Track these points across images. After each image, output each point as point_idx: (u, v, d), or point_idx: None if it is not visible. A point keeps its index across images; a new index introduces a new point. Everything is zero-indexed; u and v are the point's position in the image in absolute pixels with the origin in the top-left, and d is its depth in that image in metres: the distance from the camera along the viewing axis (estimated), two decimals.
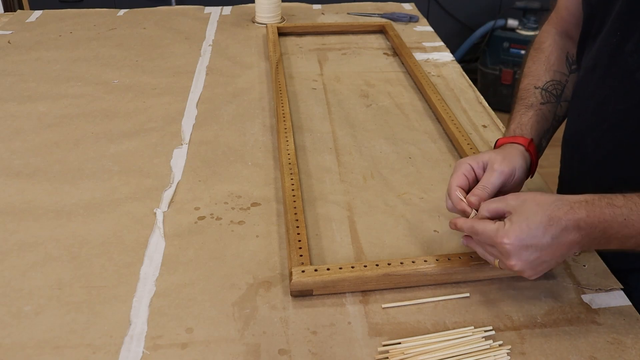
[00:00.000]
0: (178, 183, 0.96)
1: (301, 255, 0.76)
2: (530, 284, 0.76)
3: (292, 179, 0.92)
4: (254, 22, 1.69)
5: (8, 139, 1.07)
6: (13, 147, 1.05)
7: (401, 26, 1.67)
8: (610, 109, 0.78)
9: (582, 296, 0.74)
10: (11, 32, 1.58)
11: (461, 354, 0.65)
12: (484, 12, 3.11)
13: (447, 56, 1.47)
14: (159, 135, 1.10)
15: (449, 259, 0.75)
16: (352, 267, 0.74)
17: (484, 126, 1.14)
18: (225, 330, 0.69)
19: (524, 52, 2.86)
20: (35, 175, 0.97)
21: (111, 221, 0.87)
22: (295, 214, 0.84)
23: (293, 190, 0.89)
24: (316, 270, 0.73)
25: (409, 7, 1.82)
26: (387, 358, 0.65)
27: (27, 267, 0.78)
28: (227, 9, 1.79)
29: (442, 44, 1.55)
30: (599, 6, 0.80)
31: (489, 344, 0.66)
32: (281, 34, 1.58)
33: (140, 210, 0.89)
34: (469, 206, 0.73)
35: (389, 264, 0.74)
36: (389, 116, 1.18)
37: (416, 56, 1.42)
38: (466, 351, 0.65)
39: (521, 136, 0.83)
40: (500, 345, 0.66)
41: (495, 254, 0.68)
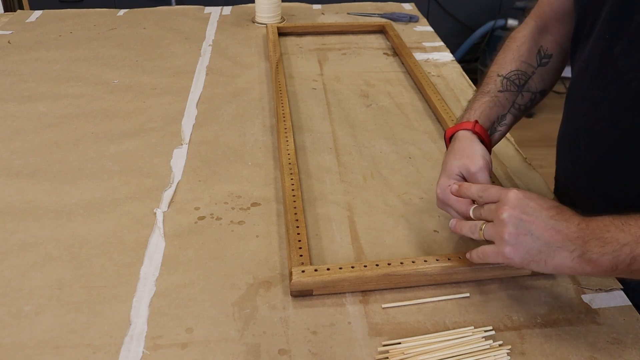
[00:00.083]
0: (178, 183, 0.96)
1: (301, 255, 0.76)
2: (531, 284, 0.76)
3: (292, 179, 0.92)
4: (254, 22, 1.69)
5: (8, 139, 1.07)
6: (13, 147, 1.05)
7: (401, 26, 1.67)
8: (602, 110, 0.78)
9: (582, 296, 0.74)
10: (11, 32, 1.58)
11: (461, 354, 0.65)
12: (484, 12, 3.11)
13: (447, 56, 1.47)
14: (159, 135, 1.10)
15: (449, 259, 0.75)
16: (352, 267, 0.74)
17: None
18: (225, 330, 0.69)
19: None
20: (35, 175, 0.97)
21: (111, 221, 0.87)
22: (295, 214, 0.84)
23: (293, 190, 0.89)
24: (316, 270, 0.73)
25: (409, 7, 1.82)
26: (387, 358, 0.65)
27: (27, 267, 0.78)
28: (227, 9, 1.79)
29: (442, 44, 1.55)
30: (589, 8, 0.80)
31: (489, 344, 0.66)
32: (281, 34, 1.58)
33: (140, 210, 0.89)
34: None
35: (389, 264, 0.74)
36: (389, 116, 1.18)
37: (416, 56, 1.42)
38: (466, 351, 0.65)
39: (467, 121, 0.83)
40: (500, 345, 0.66)
41: (490, 216, 0.67)
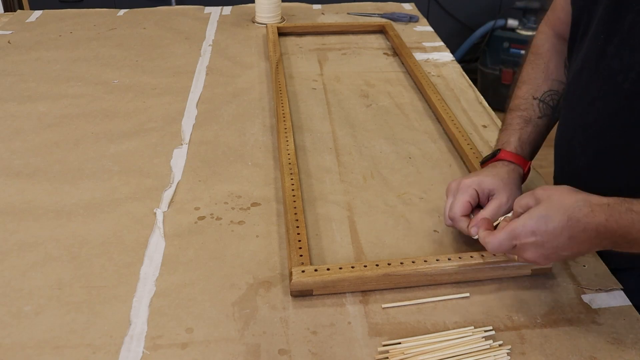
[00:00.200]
0: (178, 183, 0.96)
1: (301, 255, 0.76)
2: (530, 284, 0.76)
3: (292, 179, 0.92)
4: (254, 22, 1.69)
5: (8, 139, 1.07)
6: (13, 147, 1.05)
7: (401, 26, 1.67)
8: (597, 111, 0.78)
9: (582, 296, 0.74)
10: (11, 32, 1.58)
11: (461, 354, 0.65)
12: (484, 12, 3.10)
13: (447, 56, 1.47)
14: (159, 135, 1.10)
15: (449, 259, 0.75)
16: (352, 267, 0.74)
17: (484, 126, 1.14)
18: (225, 330, 0.69)
19: (524, 52, 2.86)
20: (35, 175, 0.97)
21: (111, 221, 0.87)
22: (295, 214, 0.84)
23: (293, 190, 0.89)
24: (316, 270, 0.73)
25: (409, 7, 1.82)
26: (387, 358, 0.65)
27: (27, 267, 0.78)
28: (227, 9, 1.79)
29: (442, 44, 1.55)
30: (584, 9, 0.80)
31: (489, 344, 0.66)
32: (281, 34, 1.58)
33: (140, 210, 0.89)
34: (473, 234, 0.76)
35: (389, 264, 0.74)
36: (389, 116, 1.18)
37: (416, 56, 1.42)
38: (466, 351, 0.65)
39: (522, 157, 0.85)
40: (500, 345, 0.66)
41: (514, 251, 0.68)
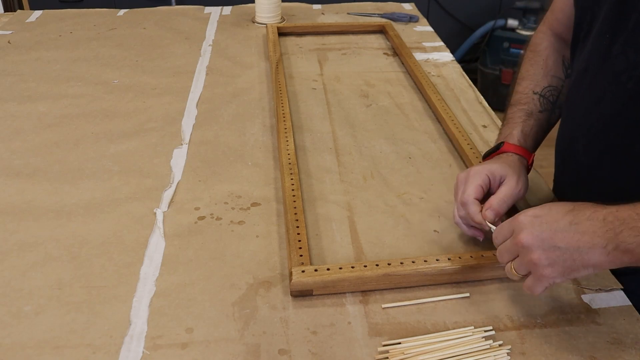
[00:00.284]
0: (178, 183, 0.96)
1: (301, 255, 0.76)
2: None
3: (292, 179, 0.92)
4: (254, 22, 1.69)
5: (8, 139, 1.07)
6: (13, 147, 1.05)
7: (401, 26, 1.67)
8: (600, 111, 0.78)
9: (582, 296, 0.74)
10: (11, 32, 1.58)
11: (461, 354, 0.65)
12: (484, 12, 3.10)
13: (447, 56, 1.47)
14: (159, 135, 1.10)
15: (449, 259, 0.75)
16: (352, 267, 0.74)
17: (484, 126, 1.14)
18: (225, 330, 0.69)
19: (522, 51, 2.86)
20: (35, 175, 0.97)
21: (111, 221, 0.87)
22: (295, 214, 0.84)
23: (293, 190, 0.89)
24: (316, 270, 0.73)
25: (409, 7, 1.82)
26: (387, 358, 0.65)
27: (27, 267, 0.78)
28: (227, 9, 1.79)
29: (442, 44, 1.55)
30: (587, 9, 0.80)
31: (489, 344, 0.66)
32: (281, 34, 1.58)
33: (140, 210, 0.89)
34: (488, 216, 0.75)
35: (389, 264, 0.74)
36: (389, 116, 1.18)
37: (416, 56, 1.42)
38: (466, 351, 0.65)
39: (526, 150, 0.85)
40: (500, 345, 0.66)
41: (513, 250, 0.65)
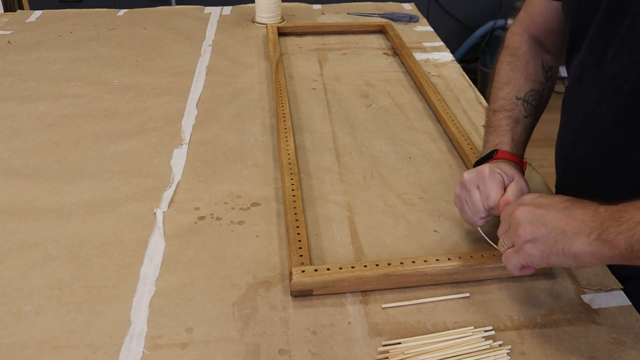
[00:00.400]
0: (178, 183, 0.96)
1: (301, 255, 0.76)
2: (530, 284, 0.76)
3: (292, 179, 0.92)
4: (254, 22, 1.69)
5: (8, 139, 1.07)
6: (13, 147, 1.05)
7: (401, 26, 1.67)
8: (598, 116, 0.78)
9: (582, 296, 0.74)
10: (11, 32, 1.58)
11: (461, 354, 0.65)
12: (484, 12, 3.10)
13: (447, 56, 1.47)
14: (159, 135, 1.10)
15: (449, 259, 0.75)
16: (352, 267, 0.74)
17: (484, 126, 1.13)
18: (225, 330, 0.69)
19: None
20: (35, 175, 0.97)
21: (111, 221, 0.87)
22: (295, 214, 0.84)
23: (293, 190, 0.89)
24: (316, 270, 0.73)
25: (409, 7, 1.82)
26: (387, 358, 0.65)
27: (27, 267, 0.78)
28: (227, 9, 1.79)
29: (442, 44, 1.55)
30: (580, 15, 0.80)
31: (489, 344, 0.66)
32: (281, 34, 1.58)
33: (140, 210, 0.89)
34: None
35: (389, 264, 0.74)
36: (389, 116, 1.18)
37: (416, 56, 1.42)
38: (466, 351, 0.65)
39: (519, 158, 0.85)
40: (500, 345, 0.67)
41: (506, 222, 0.67)
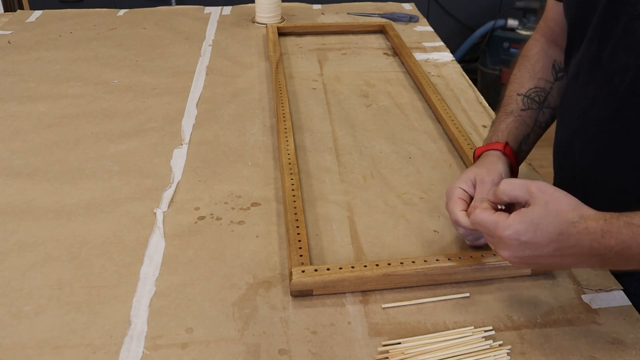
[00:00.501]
0: (178, 183, 0.96)
1: (301, 255, 0.76)
2: (530, 284, 0.76)
3: (292, 179, 0.92)
4: (254, 22, 1.69)
5: (8, 139, 1.07)
6: (13, 147, 1.05)
7: (401, 26, 1.67)
8: (594, 115, 0.78)
9: (582, 296, 0.74)
10: (11, 32, 1.58)
11: (461, 354, 0.65)
12: (484, 12, 3.10)
13: (447, 56, 1.47)
14: (159, 135, 1.10)
15: (449, 259, 0.75)
16: (352, 267, 0.74)
17: (484, 126, 1.14)
18: (225, 330, 0.69)
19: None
20: (35, 175, 0.97)
21: (111, 221, 0.87)
22: (295, 214, 0.84)
23: (293, 190, 0.89)
24: (316, 270, 0.73)
25: (409, 7, 1.82)
26: (387, 358, 0.65)
27: (27, 267, 0.78)
28: (227, 9, 1.79)
29: (442, 44, 1.55)
30: (579, 16, 0.81)
31: (489, 344, 0.66)
32: (281, 34, 1.58)
33: (140, 210, 0.89)
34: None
35: (389, 264, 0.74)
36: (389, 116, 1.18)
37: (416, 56, 1.42)
38: (466, 351, 0.65)
39: (496, 142, 0.85)
40: (500, 345, 0.66)
41: (494, 243, 0.67)
